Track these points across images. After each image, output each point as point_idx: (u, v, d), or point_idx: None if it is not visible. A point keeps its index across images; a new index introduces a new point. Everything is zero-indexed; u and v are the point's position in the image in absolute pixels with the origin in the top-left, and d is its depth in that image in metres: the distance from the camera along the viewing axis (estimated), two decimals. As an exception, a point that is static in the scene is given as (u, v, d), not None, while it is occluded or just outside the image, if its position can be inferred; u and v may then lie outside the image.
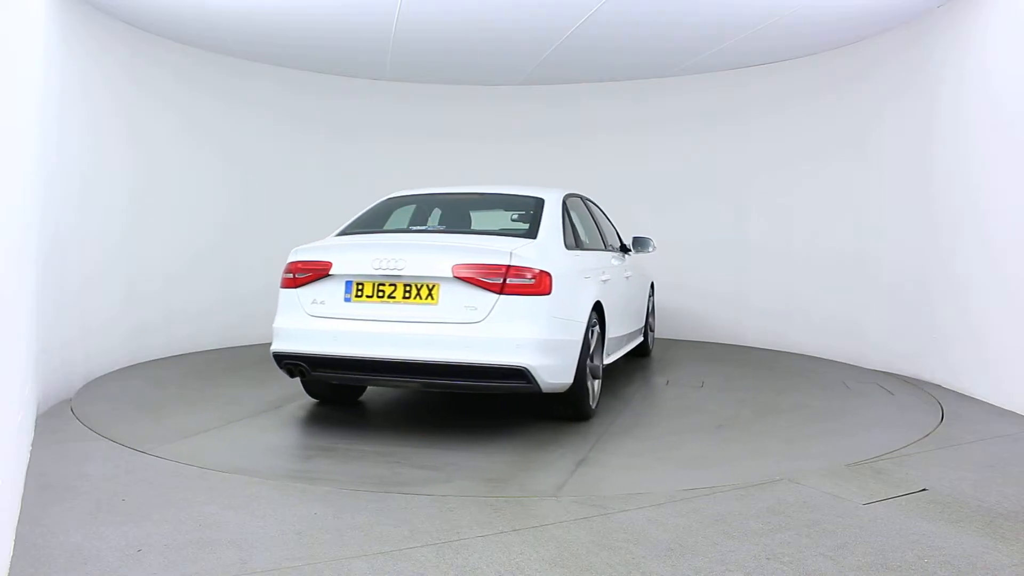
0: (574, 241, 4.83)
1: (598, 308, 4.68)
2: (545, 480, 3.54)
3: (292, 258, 4.39)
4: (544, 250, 4.34)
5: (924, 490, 3.43)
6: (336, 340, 4.12)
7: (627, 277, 5.85)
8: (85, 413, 4.62)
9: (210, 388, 5.49)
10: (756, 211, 7.78)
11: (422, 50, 7.01)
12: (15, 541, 2.73)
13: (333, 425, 4.53)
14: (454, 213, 5.23)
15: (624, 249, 6.18)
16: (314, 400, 5.08)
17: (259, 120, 7.55)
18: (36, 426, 4.27)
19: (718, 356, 7.28)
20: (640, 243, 6.32)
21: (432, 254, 4.15)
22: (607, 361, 5.09)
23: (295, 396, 5.18)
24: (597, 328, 4.67)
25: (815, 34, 6.54)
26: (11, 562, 2.57)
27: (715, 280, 8.03)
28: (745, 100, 7.76)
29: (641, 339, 6.69)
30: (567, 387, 4.24)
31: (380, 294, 4.12)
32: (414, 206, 5.26)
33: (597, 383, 4.75)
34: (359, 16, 6.10)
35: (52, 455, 3.79)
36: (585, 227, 5.45)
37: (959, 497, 3.34)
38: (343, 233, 4.84)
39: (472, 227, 5.04)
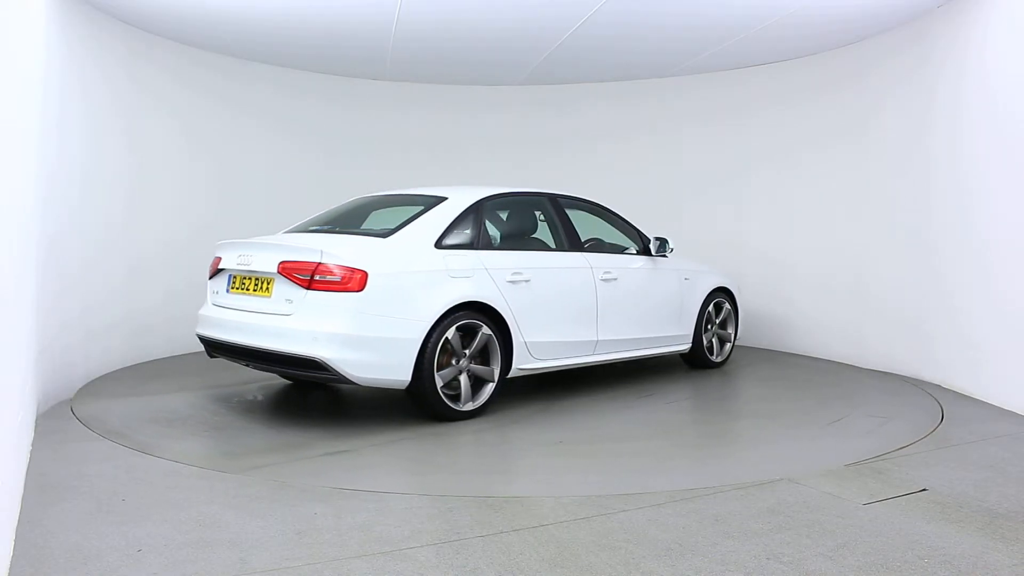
0: (475, 241, 4.85)
1: (486, 310, 4.67)
2: (269, 460, 3.80)
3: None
4: (381, 249, 4.47)
5: (924, 490, 3.43)
6: (216, 326, 4.69)
7: (607, 280, 5.48)
8: (85, 413, 4.62)
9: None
10: (756, 210, 7.78)
11: (422, 49, 7.01)
12: (15, 541, 2.73)
13: (248, 407, 4.83)
14: (367, 215, 5.31)
15: (646, 251, 5.97)
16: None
17: (258, 120, 7.55)
18: (36, 426, 4.28)
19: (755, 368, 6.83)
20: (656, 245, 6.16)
21: (268, 252, 4.49)
22: (536, 365, 5.00)
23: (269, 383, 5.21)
24: (485, 329, 4.64)
25: (815, 34, 6.54)
26: (11, 562, 2.57)
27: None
28: (746, 100, 7.76)
29: (681, 347, 6.21)
30: (403, 384, 4.39)
31: (243, 287, 4.62)
32: (352, 206, 5.46)
33: (490, 386, 4.73)
34: (359, 16, 6.10)
35: (52, 455, 3.79)
36: (545, 228, 5.48)
37: (959, 497, 3.34)
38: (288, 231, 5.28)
39: (360, 228, 5.11)
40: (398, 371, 4.34)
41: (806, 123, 7.31)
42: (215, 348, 4.79)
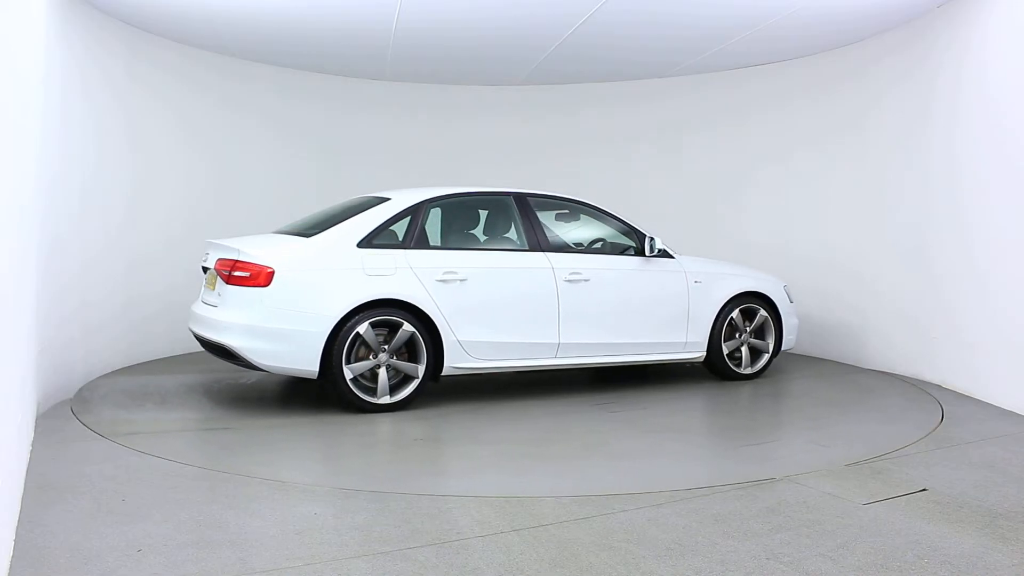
0: (407, 240, 5.00)
1: (409, 308, 4.82)
2: (132, 427, 4.35)
3: None
4: (296, 248, 4.85)
5: (924, 490, 3.43)
6: (192, 318, 5.11)
7: (573, 281, 5.29)
8: (85, 413, 4.62)
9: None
10: (755, 211, 7.78)
11: (423, 46, 7.00)
12: (15, 541, 2.73)
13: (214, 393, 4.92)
14: (329, 216, 5.37)
15: (640, 251, 5.68)
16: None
17: (258, 119, 7.54)
18: (36, 426, 4.27)
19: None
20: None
21: (215, 251, 4.98)
22: (477, 365, 5.03)
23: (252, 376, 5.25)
24: (407, 326, 4.78)
25: (815, 34, 6.54)
26: (11, 562, 2.57)
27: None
28: (745, 100, 7.75)
29: (689, 355, 5.76)
30: (312, 374, 4.67)
31: (208, 282, 5.06)
32: (345, 207, 5.50)
33: (415, 382, 4.86)
34: (359, 16, 6.10)
35: (52, 455, 3.79)
36: (511, 227, 5.48)
37: (959, 497, 3.34)
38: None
39: (313, 230, 5.24)
40: (304, 361, 4.63)
41: (805, 124, 7.31)
42: (197, 340, 5.15)
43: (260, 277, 4.60)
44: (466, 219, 5.58)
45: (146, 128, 6.46)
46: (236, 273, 4.67)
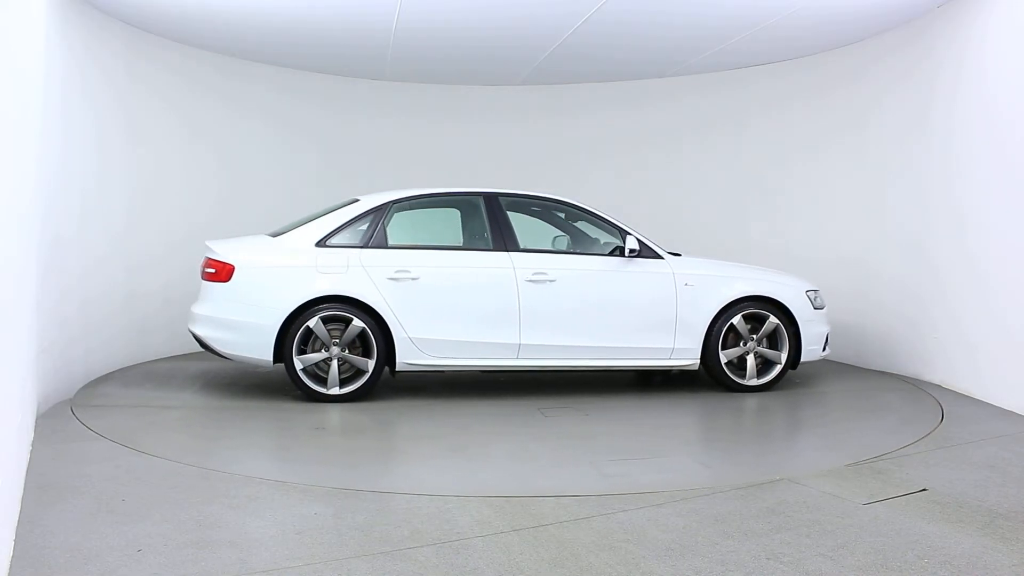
0: (366, 240, 5.21)
1: (360, 304, 5.02)
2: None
3: None
4: (258, 247, 5.26)
5: (924, 490, 3.43)
6: (188, 318, 5.34)
7: (537, 281, 5.19)
8: (85, 413, 4.62)
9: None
10: (756, 211, 7.78)
11: (423, 46, 7.00)
12: (15, 541, 2.73)
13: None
14: (310, 218, 5.53)
15: (622, 251, 5.45)
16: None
17: (258, 120, 7.54)
18: (36, 426, 4.27)
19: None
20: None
21: (205, 252, 5.27)
22: (431, 362, 5.11)
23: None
24: (357, 322, 5.00)
25: (815, 34, 6.54)
26: (11, 562, 2.57)
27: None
28: (745, 100, 7.75)
29: (677, 362, 5.41)
30: (267, 363, 5.01)
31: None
32: (318, 212, 5.68)
33: (364, 376, 5.05)
34: (359, 16, 6.10)
35: (52, 455, 3.79)
36: (467, 228, 5.59)
37: (959, 497, 3.34)
38: None
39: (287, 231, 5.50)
40: (258, 351, 4.99)
41: (805, 124, 7.31)
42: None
43: (223, 273, 5.03)
44: (433, 219, 5.69)
45: (147, 128, 6.46)
46: (207, 269, 5.11)
